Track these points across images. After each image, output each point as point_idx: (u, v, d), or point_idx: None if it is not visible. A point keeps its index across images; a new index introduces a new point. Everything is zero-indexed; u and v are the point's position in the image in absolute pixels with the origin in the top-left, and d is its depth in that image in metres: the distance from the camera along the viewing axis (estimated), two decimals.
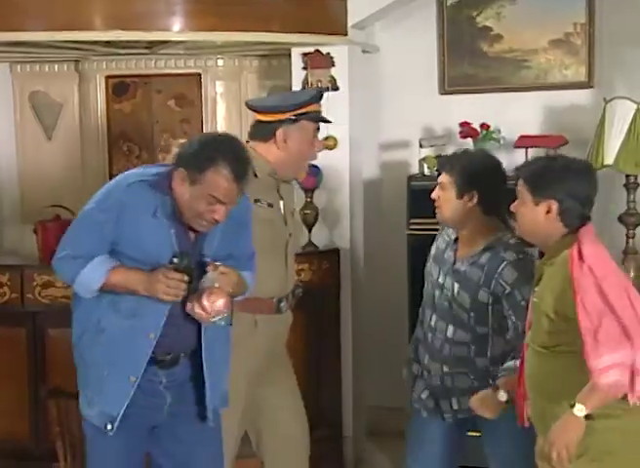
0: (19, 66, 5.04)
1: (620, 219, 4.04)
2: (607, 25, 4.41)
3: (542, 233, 2.60)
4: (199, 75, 4.84)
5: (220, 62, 4.85)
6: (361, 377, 4.66)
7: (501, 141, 4.37)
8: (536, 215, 2.57)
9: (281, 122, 3.05)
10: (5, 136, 5.09)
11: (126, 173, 2.68)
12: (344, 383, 4.46)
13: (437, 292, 3.05)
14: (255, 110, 3.15)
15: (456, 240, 3.07)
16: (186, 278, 2.53)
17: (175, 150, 2.81)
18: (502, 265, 2.91)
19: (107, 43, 4.26)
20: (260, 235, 3.00)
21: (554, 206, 2.54)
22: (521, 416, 2.68)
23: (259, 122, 3.12)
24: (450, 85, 4.68)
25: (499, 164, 3.06)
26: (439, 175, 3.08)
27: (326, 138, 4.36)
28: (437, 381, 3.06)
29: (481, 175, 2.97)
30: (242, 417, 3.14)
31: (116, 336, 2.61)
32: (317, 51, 4.34)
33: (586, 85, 4.48)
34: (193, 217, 2.59)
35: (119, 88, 4.88)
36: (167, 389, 2.71)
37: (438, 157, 4.34)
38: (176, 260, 2.55)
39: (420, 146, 4.31)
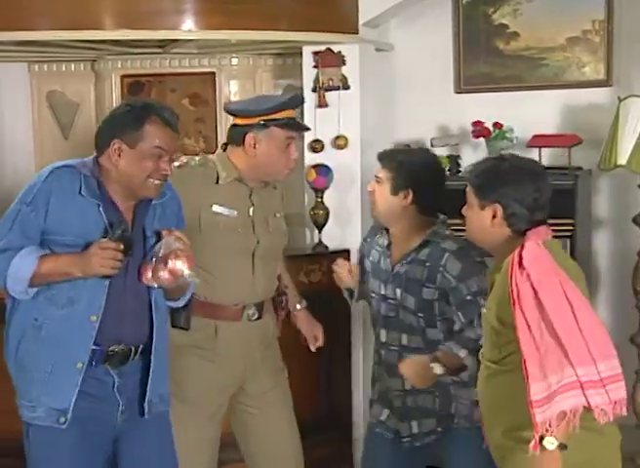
0: (36, 66, 5.10)
1: (635, 221, 3.94)
2: (626, 22, 4.32)
3: (490, 238, 2.47)
4: (213, 74, 4.84)
5: (235, 61, 4.86)
6: None
7: (515, 141, 4.29)
8: (482, 220, 2.44)
9: (251, 126, 2.99)
10: (23, 136, 5.16)
11: (48, 165, 2.66)
12: (355, 384, 4.42)
13: (383, 306, 2.98)
14: (227, 112, 3.12)
15: (388, 246, 3.00)
16: (122, 247, 2.50)
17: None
18: (445, 257, 2.83)
19: (116, 42, 4.27)
20: (221, 242, 2.98)
21: (499, 210, 2.41)
22: (486, 439, 2.54)
23: (233, 125, 3.08)
24: (465, 83, 4.61)
25: (438, 164, 2.98)
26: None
27: (337, 138, 4.36)
28: (398, 402, 2.97)
29: (418, 174, 2.88)
30: (211, 422, 3.08)
31: (55, 328, 2.56)
32: (328, 49, 4.31)
33: (605, 83, 4.39)
34: (144, 182, 2.59)
35: (134, 87, 4.90)
36: (120, 393, 2.65)
37: (450, 157, 4.30)
38: (113, 232, 2.53)
39: (432, 146, 4.24)
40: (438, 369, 2.74)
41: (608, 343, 2.30)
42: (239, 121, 3.03)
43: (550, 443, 2.20)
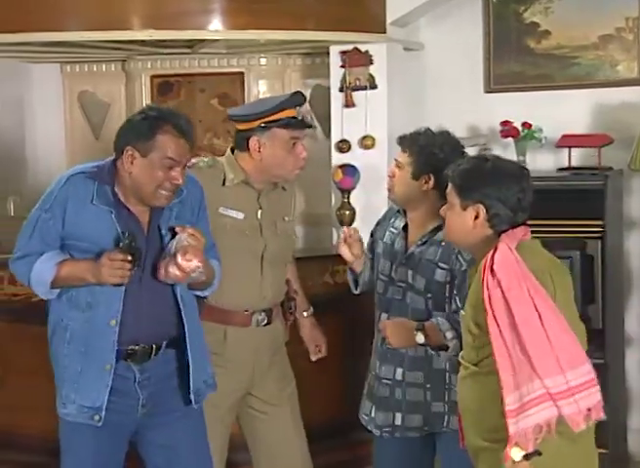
0: (68, 67, 5.15)
1: None
2: None
3: (471, 240, 2.42)
4: (242, 74, 4.83)
5: (263, 61, 4.85)
6: None
7: (543, 141, 4.23)
8: (464, 221, 2.40)
9: (253, 131, 2.97)
10: (55, 135, 5.21)
11: (66, 172, 2.74)
12: None
13: (390, 289, 2.94)
14: (229, 119, 3.10)
15: (404, 228, 2.95)
16: (129, 258, 2.55)
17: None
18: None
19: (144, 42, 4.28)
20: (229, 245, 2.96)
21: (482, 211, 2.37)
22: (461, 439, 2.53)
23: (237, 131, 3.07)
24: (495, 83, 4.56)
25: (460, 147, 2.90)
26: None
27: (364, 138, 4.33)
28: (385, 392, 2.93)
29: (439, 159, 2.81)
30: (220, 425, 3.07)
31: (78, 331, 2.65)
32: (356, 49, 4.29)
33: (638, 82, 4.30)
34: (154, 192, 2.62)
35: (164, 87, 4.92)
36: (141, 388, 2.70)
37: None
38: (121, 243, 2.58)
39: None
40: (420, 338, 2.73)
41: (577, 351, 2.26)
42: (241, 126, 3.02)
43: (516, 453, 2.19)
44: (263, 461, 3.21)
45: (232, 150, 3.10)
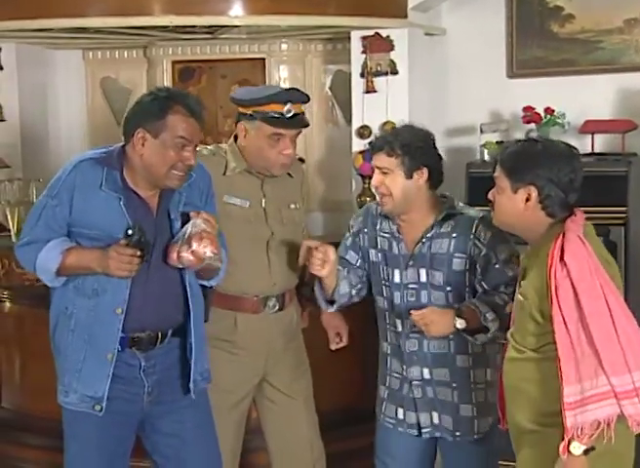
0: (90, 53, 5.16)
1: None
2: None
3: (523, 223, 2.38)
4: (263, 60, 4.82)
5: (284, 47, 4.83)
6: None
7: (566, 126, 4.18)
8: (515, 204, 2.36)
9: (244, 116, 2.97)
10: (78, 122, 5.24)
11: (74, 157, 2.70)
12: None
13: (397, 294, 2.85)
14: (230, 100, 3.09)
15: (398, 231, 2.87)
16: (139, 253, 2.53)
17: None
18: (475, 224, 2.76)
19: (164, 28, 4.28)
20: (234, 233, 2.94)
21: (534, 193, 2.33)
22: (502, 419, 2.53)
23: (238, 113, 3.06)
24: (518, 68, 4.51)
25: (428, 132, 2.85)
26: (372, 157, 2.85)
27: (385, 124, 4.30)
28: (419, 393, 2.88)
29: (425, 149, 2.78)
30: (233, 412, 3.07)
31: (84, 318, 2.63)
32: (377, 34, 4.26)
33: None
34: (166, 173, 2.59)
35: (185, 73, 4.92)
36: (146, 375, 2.68)
37: (500, 143, 4.21)
38: (130, 232, 2.53)
39: (481, 132, 4.18)
40: (461, 322, 2.68)
41: None
42: (239, 109, 3.01)
43: (577, 448, 2.17)
44: (275, 451, 3.21)
45: (235, 138, 3.08)
